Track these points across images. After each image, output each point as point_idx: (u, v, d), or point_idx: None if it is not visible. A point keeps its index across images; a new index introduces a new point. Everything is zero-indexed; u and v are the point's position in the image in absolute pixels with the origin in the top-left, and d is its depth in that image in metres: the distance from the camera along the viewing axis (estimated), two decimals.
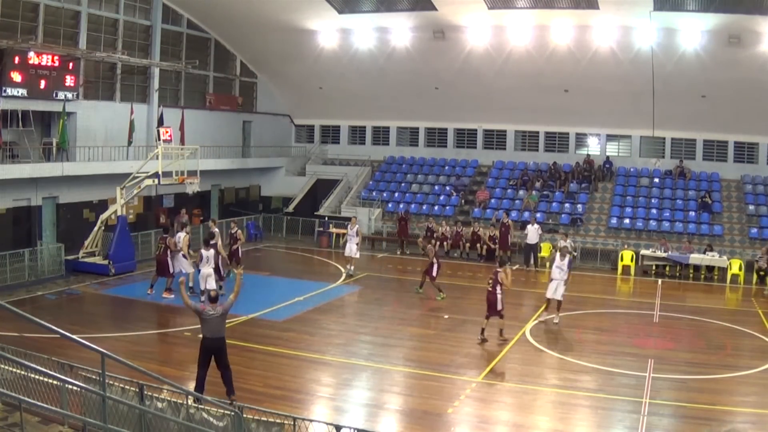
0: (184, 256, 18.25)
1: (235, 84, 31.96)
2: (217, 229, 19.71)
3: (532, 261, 23.83)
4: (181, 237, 18.43)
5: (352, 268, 21.83)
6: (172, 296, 17.69)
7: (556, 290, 16.04)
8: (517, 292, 20.45)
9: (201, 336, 10.63)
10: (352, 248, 21.61)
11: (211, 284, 17.09)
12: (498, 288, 14.48)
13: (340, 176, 31.77)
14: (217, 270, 18.10)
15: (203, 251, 17.22)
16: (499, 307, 14.46)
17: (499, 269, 14.76)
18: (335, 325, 16.14)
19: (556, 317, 16.19)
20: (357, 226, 22.23)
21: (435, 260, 18.79)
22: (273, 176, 33.14)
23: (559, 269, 16.09)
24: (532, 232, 23.75)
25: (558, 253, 16.54)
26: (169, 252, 18.10)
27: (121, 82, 25.65)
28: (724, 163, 28.10)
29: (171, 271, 18.06)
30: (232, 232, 20.27)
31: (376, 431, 10.22)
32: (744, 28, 22.59)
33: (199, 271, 17.47)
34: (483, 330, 14.66)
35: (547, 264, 16.31)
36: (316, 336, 15.17)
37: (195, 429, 7.83)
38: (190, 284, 17.83)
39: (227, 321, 10.90)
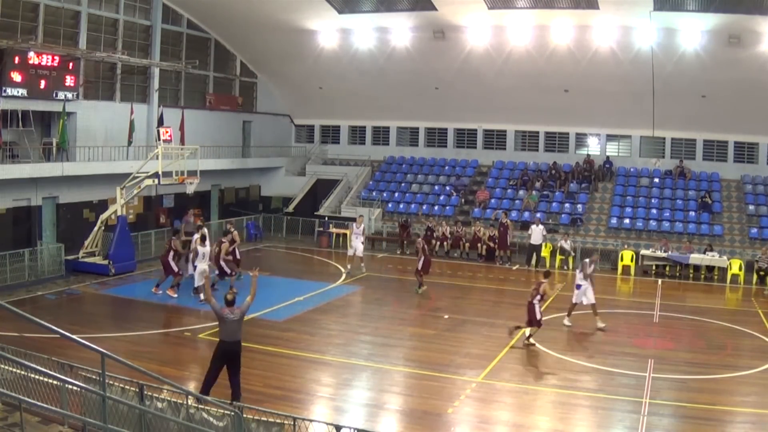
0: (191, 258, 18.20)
1: (235, 84, 31.96)
2: (205, 229, 19.69)
3: (533, 261, 23.85)
4: (195, 239, 18.34)
5: (363, 266, 22.04)
6: (176, 296, 17.67)
7: (587, 295, 15.95)
8: (519, 293, 20.47)
9: (218, 339, 10.54)
10: (359, 247, 21.78)
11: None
12: (537, 299, 14.43)
13: (340, 176, 31.76)
14: (222, 270, 18.14)
15: (199, 248, 17.26)
16: (538, 317, 14.42)
17: (543, 280, 14.74)
18: (335, 325, 16.14)
19: (602, 322, 16.03)
20: (363, 225, 22.38)
21: (423, 255, 19.10)
22: (273, 176, 33.13)
23: (585, 275, 16.09)
24: (537, 233, 23.73)
25: (588, 259, 16.59)
26: (171, 254, 18.00)
27: (121, 82, 25.64)
28: (724, 163, 28.09)
29: (175, 270, 17.98)
30: (230, 233, 20.10)
31: (376, 431, 10.22)
32: (744, 28, 22.58)
33: (195, 267, 17.47)
34: (518, 328, 14.73)
35: (576, 272, 16.34)
36: (316, 336, 15.18)
37: (195, 429, 7.83)
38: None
39: None
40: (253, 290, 10.77)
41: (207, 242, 17.70)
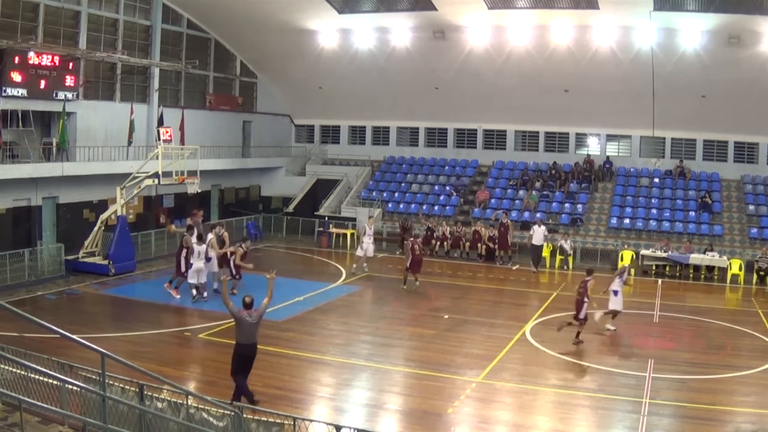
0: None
1: (235, 84, 31.95)
2: (216, 231, 19.64)
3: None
4: (209, 238, 18.22)
5: (366, 266, 22.16)
6: (179, 296, 17.63)
7: (619, 301, 15.98)
8: (519, 293, 20.52)
9: (235, 342, 10.47)
10: (369, 247, 22.07)
11: (203, 278, 17.26)
12: (586, 297, 14.52)
13: (340, 176, 31.76)
14: (230, 270, 18.11)
15: (196, 246, 17.22)
16: (582, 315, 14.52)
17: (588, 278, 14.84)
18: (335, 325, 16.15)
19: (612, 325, 16.04)
20: (374, 225, 22.91)
21: (411, 254, 19.38)
22: (273, 176, 33.13)
23: (623, 282, 16.18)
24: (539, 234, 23.65)
25: (628, 266, 17.02)
26: (184, 251, 17.86)
27: (121, 82, 25.64)
28: (724, 163, 28.09)
29: (182, 270, 17.89)
30: (220, 234, 19.53)
31: (376, 431, 10.22)
32: (744, 28, 22.59)
33: (191, 266, 17.43)
34: (578, 333, 14.76)
35: (616, 279, 16.27)
36: (316, 336, 15.18)
37: (195, 429, 7.83)
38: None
39: (228, 321, 10.86)
40: (270, 292, 10.76)
41: (204, 241, 17.64)
